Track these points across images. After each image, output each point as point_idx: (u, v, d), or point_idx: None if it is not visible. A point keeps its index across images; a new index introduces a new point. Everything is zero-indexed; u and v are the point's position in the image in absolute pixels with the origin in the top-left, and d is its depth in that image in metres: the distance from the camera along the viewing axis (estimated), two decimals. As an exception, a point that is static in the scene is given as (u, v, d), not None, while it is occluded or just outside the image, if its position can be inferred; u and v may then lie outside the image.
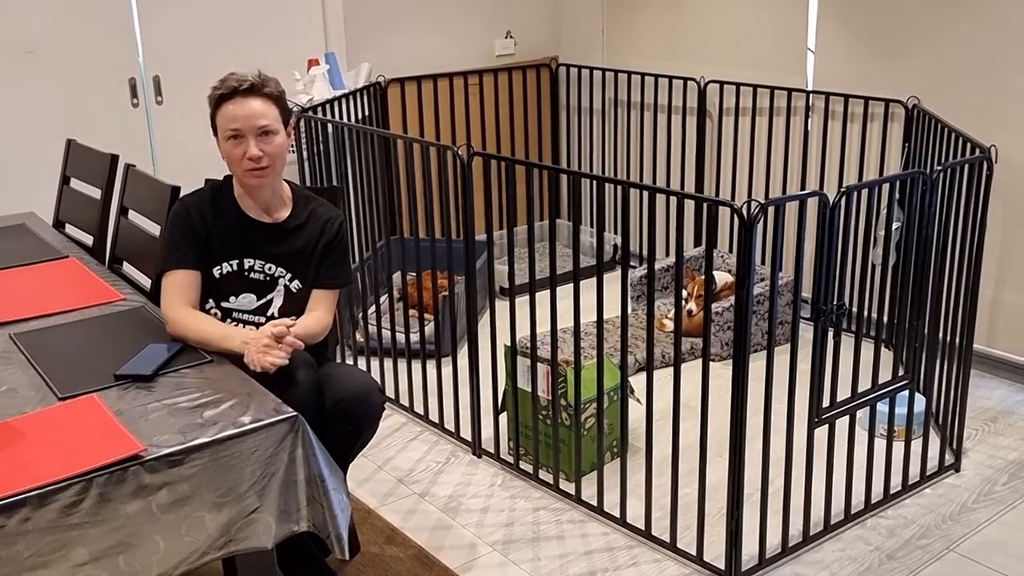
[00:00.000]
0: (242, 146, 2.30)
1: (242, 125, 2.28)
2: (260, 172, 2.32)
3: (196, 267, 2.34)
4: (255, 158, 2.29)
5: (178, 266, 2.32)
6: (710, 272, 2.42)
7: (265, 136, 2.30)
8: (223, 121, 2.31)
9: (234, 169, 2.35)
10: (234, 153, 2.31)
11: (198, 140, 4.02)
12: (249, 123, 2.28)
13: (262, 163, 2.30)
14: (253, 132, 2.29)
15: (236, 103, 2.29)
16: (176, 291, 2.30)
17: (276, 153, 2.33)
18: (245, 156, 2.29)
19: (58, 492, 1.62)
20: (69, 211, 3.26)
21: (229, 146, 2.31)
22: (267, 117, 2.30)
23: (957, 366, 2.97)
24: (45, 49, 3.74)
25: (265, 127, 2.29)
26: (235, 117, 2.28)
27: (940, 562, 2.59)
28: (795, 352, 2.46)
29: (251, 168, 2.31)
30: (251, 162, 2.30)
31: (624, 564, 2.61)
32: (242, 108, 2.28)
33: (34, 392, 1.95)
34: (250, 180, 2.34)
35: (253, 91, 2.30)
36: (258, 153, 2.29)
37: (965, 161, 2.75)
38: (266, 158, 2.30)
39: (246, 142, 2.29)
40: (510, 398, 3.05)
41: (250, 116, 2.28)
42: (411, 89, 4.57)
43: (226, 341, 2.19)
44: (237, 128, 2.29)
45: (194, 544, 1.75)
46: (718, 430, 3.11)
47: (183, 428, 1.79)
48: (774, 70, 4.14)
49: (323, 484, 1.87)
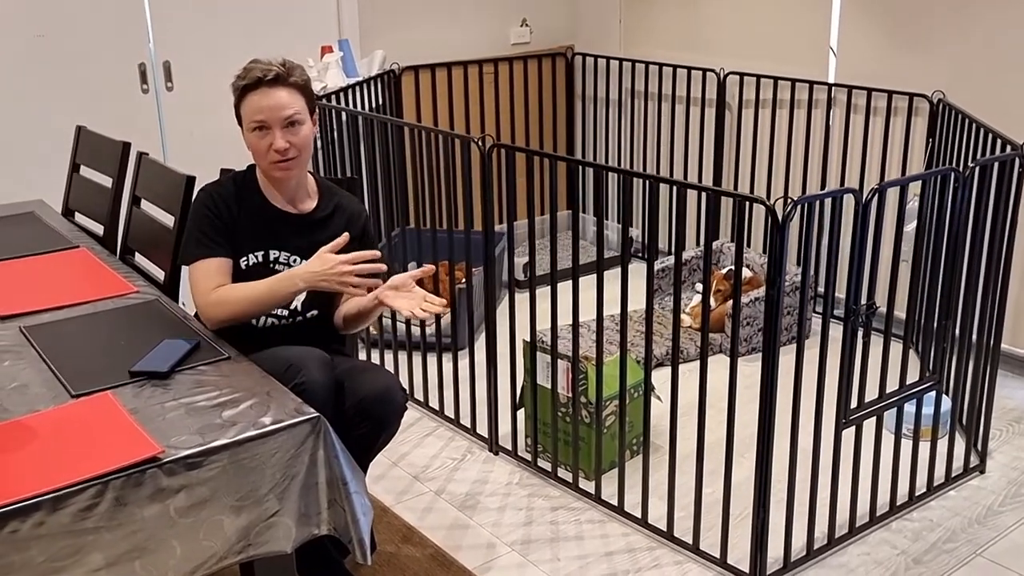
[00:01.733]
0: (268, 138, 2.24)
1: (267, 116, 2.22)
2: (286, 164, 2.26)
3: (228, 255, 2.28)
4: (281, 150, 2.23)
5: (210, 254, 2.26)
6: (739, 269, 2.36)
7: (291, 127, 2.24)
8: (248, 112, 2.24)
9: (259, 162, 2.29)
10: (260, 145, 2.25)
11: (209, 127, 3.97)
12: (275, 114, 2.22)
13: (288, 155, 2.25)
14: (279, 123, 2.23)
15: (261, 93, 2.22)
16: (210, 276, 2.24)
17: (303, 144, 2.27)
18: (271, 148, 2.23)
19: (73, 495, 1.57)
20: (79, 199, 3.20)
21: (254, 138, 2.25)
22: (293, 107, 2.24)
23: (984, 366, 2.91)
24: (55, 33, 3.68)
25: (291, 117, 2.23)
26: (260, 108, 2.22)
27: (968, 567, 2.53)
28: (825, 352, 2.41)
29: (277, 160, 2.25)
30: (277, 154, 2.24)
31: (646, 566, 2.56)
32: (267, 99, 2.22)
33: (47, 389, 1.90)
34: (276, 173, 2.28)
35: (278, 81, 2.23)
36: (284, 145, 2.23)
37: (997, 158, 2.68)
38: (292, 149, 2.25)
39: (272, 134, 2.23)
40: (528, 394, 3.00)
41: (275, 107, 2.22)
42: (425, 77, 4.50)
43: (286, 282, 2.16)
44: (262, 120, 2.23)
45: (212, 548, 1.70)
46: (740, 428, 3.05)
47: (201, 429, 1.74)
48: (795, 62, 4.07)
49: (345, 487, 1.82)
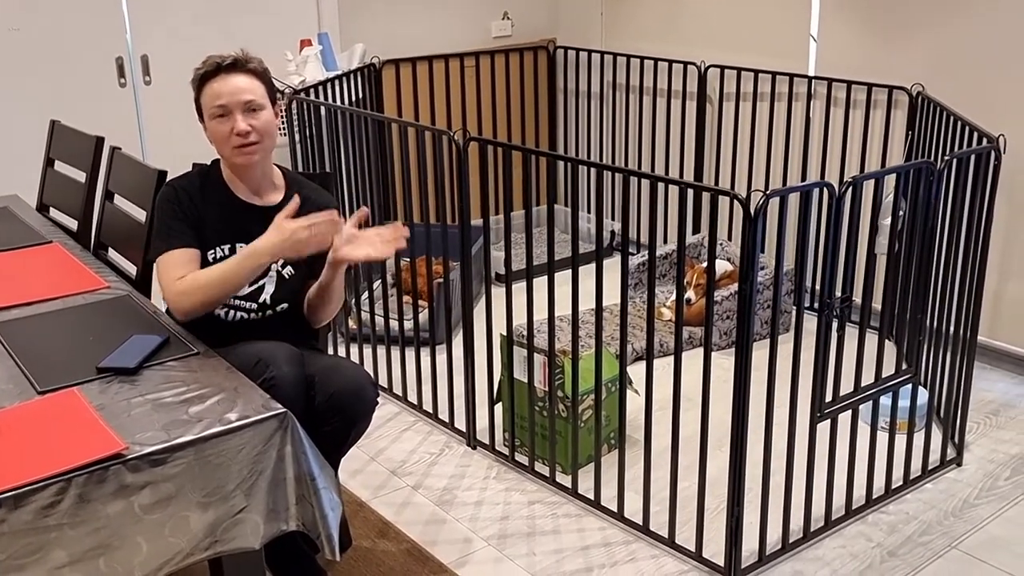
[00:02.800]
0: (229, 122, 2.23)
1: (227, 101, 2.22)
2: (250, 148, 2.25)
3: (194, 245, 2.26)
4: (243, 132, 2.23)
5: (176, 245, 2.24)
6: (713, 263, 2.36)
7: (252, 112, 2.25)
8: (208, 100, 2.25)
9: (222, 149, 2.28)
10: (221, 131, 2.25)
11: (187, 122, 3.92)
12: (235, 98, 2.23)
13: (250, 138, 2.24)
14: (239, 107, 2.23)
15: (220, 80, 2.23)
16: (176, 267, 2.21)
17: (264, 129, 2.26)
18: (233, 132, 2.23)
19: (35, 493, 1.55)
20: (53, 194, 3.18)
21: (216, 124, 2.25)
22: (252, 92, 2.25)
23: (960, 359, 2.92)
24: (30, 27, 3.65)
25: (251, 102, 2.24)
26: (219, 94, 2.23)
27: (943, 560, 2.54)
28: (799, 347, 2.41)
29: (240, 144, 2.24)
30: (239, 137, 2.23)
31: (621, 559, 2.56)
32: (226, 84, 2.23)
33: (12, 385, 1.88)
34: (239, 158, 2.27)
35: (236, 67, 2.24)
36: (246, 128, 2.23)
37: (972, 151, 2.68)
38: (254, 133, 2.24)
39: (233, 118, 2.23)
40: (505, 389, 2.99)
41: (235, 91, 2.23)
42: (406, 71, 4.49)
43: (252, 259, 2.15)
44: (223, 104, 2.23)
45: (178, 545, 1.69)
46: (716, 423, 3.06)
47: (167, 425, 1.72)
48: (776, 55, 4.06)
49: (313, 483, 1.81)
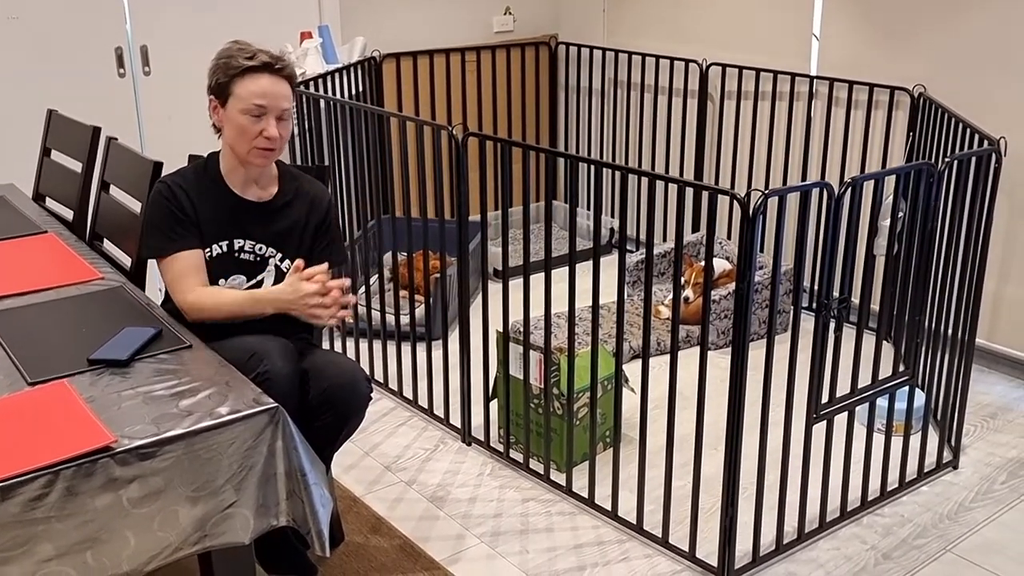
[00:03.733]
0: (261, 124, 2.23)
1: (269, 104, 2.23)
2: (270, 154, 2.28)
3: (198, 246, 2.28)
4: (272, 138, 2.24)
5: (181, 248, 2.25)
6: (710, 262, 2.35)
7: (282, 120, 2.27)
8: (247, 94, 2.22)
9: (242, 144, 2.26)
10: (251, 129, 2.23)
11: (186, 112, 3.94)
12: (276, 103, 2.24)
13: (274, 144, 2.26)
14: (276, 112, 2.24)
15: (268, 79, 2.23)
16: (186, 274, 2.24)
17: (286, 139, 2.30)
18: (262, 134, 2.23)
19: (22, 485, 1.54)
20: (50, 184, 3.16)
21: (246, 120, 2.23)
22: (289, 101, 2.27)
23: (958, 362, 2.91)
24: (29, 16, 3.63)
25: (287, 111, 2.26)
26: (265, 93, 2.22)
27: (937, 563, 2.53)
28: (795, 346, 2.39)
29: (264, 147, 2.25)
30: (267, 141, 2.24)
31: (614, 559, 2.55)
32: (275, 86, 2.24)
33: (3, 376, 1.87)
34: (257, 159, 2.28)
35: (283, 72, 2.26)
36: (276, 134, 2.24)
37: (973, 153, 2.67)
38: (279, 141, 2.27)
39: (267, 120, 2.23)
40: (501, 385, 2.98)
41: (279, 96, 2.24)
42: (407, 65, 4.47)
43: (257, 307, 2.21)
44: (264, 104, 2.22)
45: (167, 539, 1.68)
46: (713, 422, 3.05)
47: (157, 418, 1.71)
48: (777, 54, 4.05)
49: (304, 478, 1.80)
